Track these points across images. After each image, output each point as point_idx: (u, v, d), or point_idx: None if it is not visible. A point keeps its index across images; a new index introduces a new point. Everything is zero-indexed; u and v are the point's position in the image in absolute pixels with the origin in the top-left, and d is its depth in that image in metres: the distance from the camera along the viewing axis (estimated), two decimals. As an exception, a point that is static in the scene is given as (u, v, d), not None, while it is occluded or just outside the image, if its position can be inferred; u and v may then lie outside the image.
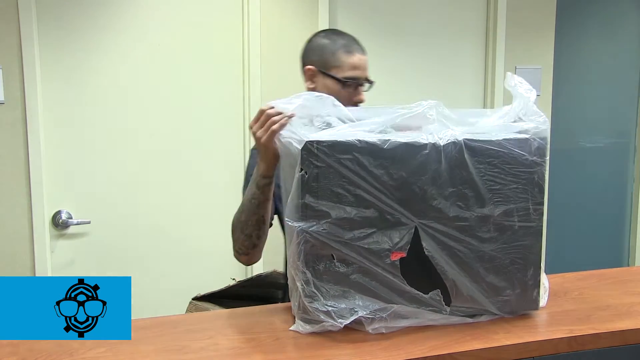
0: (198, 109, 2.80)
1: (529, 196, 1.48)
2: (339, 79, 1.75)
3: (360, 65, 1.77)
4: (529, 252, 1.50)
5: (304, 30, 2.88)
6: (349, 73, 1.76)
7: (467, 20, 3.25)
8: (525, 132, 1.49)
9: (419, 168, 1.40)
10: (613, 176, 3.73)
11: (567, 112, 3.50)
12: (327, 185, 1.36)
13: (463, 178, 1.43)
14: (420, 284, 1.45)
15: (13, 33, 2.49)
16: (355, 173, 1.36)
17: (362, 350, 1.34)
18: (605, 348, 1.45)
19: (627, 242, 3.75)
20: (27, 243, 2.58)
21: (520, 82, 1.54)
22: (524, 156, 1.46)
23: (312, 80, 1.78)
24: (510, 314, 1.51)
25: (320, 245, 1.37)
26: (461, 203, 1.43)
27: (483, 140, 1.44)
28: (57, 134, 2.61)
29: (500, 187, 1.45)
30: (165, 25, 2.73)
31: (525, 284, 1.50)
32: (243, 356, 1.33)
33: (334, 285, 1.39)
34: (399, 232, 1.41)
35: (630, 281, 1.83)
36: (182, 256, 2.83)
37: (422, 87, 3.18)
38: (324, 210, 1.36)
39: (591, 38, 3.64)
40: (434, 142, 1.40)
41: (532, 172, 1.47)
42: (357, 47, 1.80)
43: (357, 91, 1.78)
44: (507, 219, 1.47)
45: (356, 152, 1.36)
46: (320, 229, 1.37)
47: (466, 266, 1.46)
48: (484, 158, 1.43)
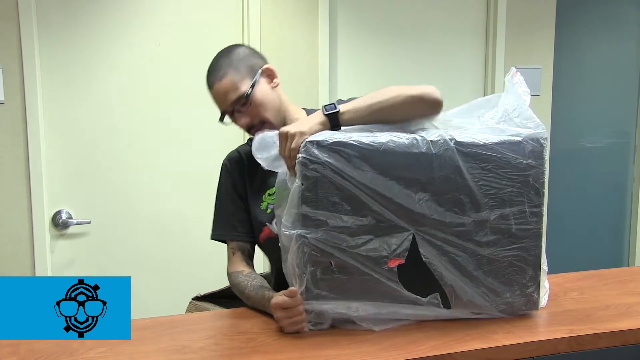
0: (198, 109, 2.79)
1: (525, 199, 1.47)
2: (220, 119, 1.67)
3: (216, 99, 1.66)
4: (528, 254, 1.50)
5: (304, 31, 2.89)
6: (219, 108, 1.67)
7: (467, 20, 3.25)
8: (518, 135, 1.47)
9: (413, 174, 1.40)
10: (613, 176, 3.73)
11: (567, 112, 3.50)
12: (324, 193, 1.36)
13: (458, 184, 1.43)
14: (418, 290, 1.45)
15: (13, 32, 2.49)
16: (351, 179, 1.37)
17: (362, 350, 1.34)
18: (605, 348, 1.44)
19: (627, 242, 3.75)
20: (27, 243, 2.58)
21: (520, 82, 1.54)
22: (518, 159, 1.45)
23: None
24: (510, 315, 1.51)
25: (317, 252, 1.38)
26: (457, 208, 1.43)
27: (476, 145, 1.43)
28: (57, 134, 2.61)
29: (496, 191, 1.45)
30: (166, 25, 2.73)
31: (525, 285, 1.50)
32: (243, 356, 1.33)
33: (331, 290, 1.40)
34: (396, 238, 1.41)
35: (630, 281, 1.84)
36: (182, 256, 2.83)
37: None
38: (321, 220, 1.37)
39: (591, 38, 3.64)
40: (426, 149, 1.40)
41: (526, 175, 1.46)
42: (210, 79, 1.65)
43: (236, 119, 1.66)
44: (504, 223, 1.47)
45: (353, 158, 1.36)
46: (317, 235, 1.37)
47: (464, 271, 1.46)
48: (478, 163, 1.43)
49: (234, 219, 1.71)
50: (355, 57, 3.06)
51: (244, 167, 1.71)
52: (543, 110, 3.28)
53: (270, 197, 1.68)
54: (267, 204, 1.69)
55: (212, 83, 1.64)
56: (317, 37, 2.90)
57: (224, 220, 1.73)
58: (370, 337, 1.40)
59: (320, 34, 2.90)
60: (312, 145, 1.36)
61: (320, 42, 2.90)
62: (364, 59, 3.08)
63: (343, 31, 3.02)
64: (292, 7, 2.87)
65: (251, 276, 1.65)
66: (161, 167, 2.77)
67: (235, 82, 1.61)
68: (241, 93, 1.61)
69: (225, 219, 1.72)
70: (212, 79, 1.64)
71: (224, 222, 1.72)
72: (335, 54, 3.00)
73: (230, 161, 1.73)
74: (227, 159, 1.74)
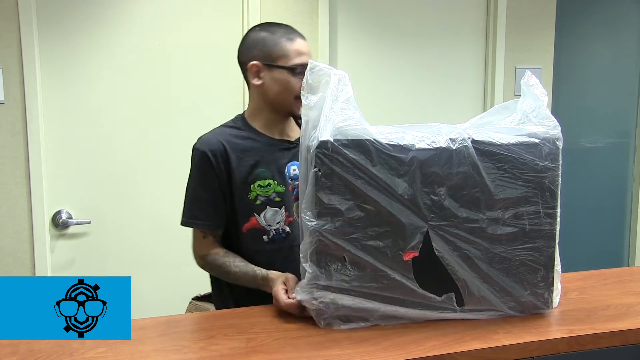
0: (198, 109, 2.79)
1: (539, 200, 1.50)
2: (289, 67, 1.70)
3: (305, 50, 1.72)
4: (541, 254, 1.52)
5: (304, 31, 2.86)
6: (297, 60, 1.70)
7: (467, 20, 3.25)
8: (536, 136, 1.50)
9: (431, 170, 1.42)
10: (613, 176, 3.73)
11: (567, 112, 3.50)
12: (340, 183, 1.38)
13: (475, 181, 1.45)
14: (431, 286, 1.47)
15: (13, 33, 2.49)
16: (367, 173, 1.39)
17: (362, 350, 1.34)
18: (605, 348, 1.45)
19: (627, 242, 3.75)
20: (27, 243, 2.58)
21: (536, 84, 1.57)
22: (535, 161, 1.48)
23: (259, 76, 1.73)
24: (521, 314, 1.52)
25: (332, 245, 1.40)
26: (472, 205, 1.46)
27: (494, 145, 1.46)
28: (57, 134, 2.61)
29: (511, 191, 1.47)
30: (166, 25, 2.73)
31: (537, 285, 1.52)
32: (243, 356, 1.33)
33: (344, 283, 1.42)
34: (410, 232, 1.43)
35: (630, 281, 1.83)
36: (182, 256, 2.82)
37: (422, 87, 3.18)
38: (337, 208, 1.39)
39: (591, 38, 3.64)
40: (446, 146, 1.43)
41: (542, 177, 1.49)
42: (297, 34, 1.75)
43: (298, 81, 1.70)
44: (518, 222, 1.49)
45: (370, 153, 1.38)
46: (332, 227, 1.39)
47: (477, 267, 1.48)
48: (495, 163, 1.46)
49: (211, 209, 1.73)
50: (355, 57, 3.06)
51: (229, 159, 1.71)
52: (543, 110, 3.28)
53: (261, 188, 1.71)
54: (257, 195, 1.71)
55: (300, 37, 1.74)
56: (317, 37, 2.90)
57: (200, 207, 1.73)
58: (370, 337, 1.40)
59: (320, 34, 2.90)
60: (329, 141, 1.37)
61: (320, 42, 2.90)
62: (364, 59, 3.08)
63: (343, 31, 3.02)
64: (292, 7, 2.87)
65: (231, 255, 1.71)
66: (161, 167, 2.77)
67: None
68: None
69: (201, 207, 1.73)
70: (299, 34, 1.75)
71: (200, 209, 1.73)
72: (335, 54, 3.00)
73: (213, 152, 1.71)
74: (209, 149, 1.71)
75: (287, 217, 1.74)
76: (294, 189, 1.75)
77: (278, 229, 1.73)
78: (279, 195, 1.73)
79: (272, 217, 1.73)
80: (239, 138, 1.74)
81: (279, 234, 1.74)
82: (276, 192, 1.73)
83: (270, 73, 1.71)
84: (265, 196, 1.72)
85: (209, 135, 1.77)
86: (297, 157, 1.66)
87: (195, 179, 1.75)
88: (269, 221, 1.72)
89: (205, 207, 1.73)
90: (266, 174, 1.72)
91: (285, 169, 1.75)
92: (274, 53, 1.70)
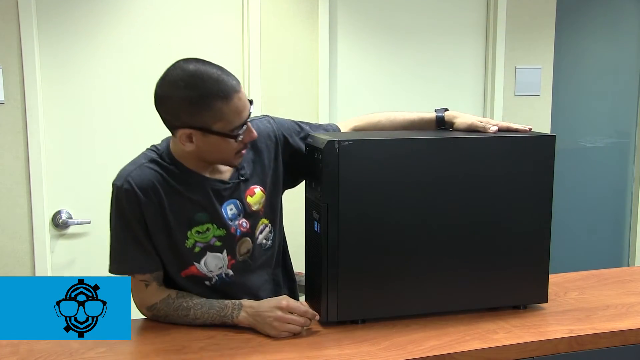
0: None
1: (533, 197, 1.56)
2: (228, 133, 1.43)
3: (243, 104, 1.44)
4: (536, 249, 1.57)
5: (304, 31, 2.89)
6: (237, 121, 1.43)
7: (467, 20, 3.25)
8: (529, 135, 1.58)
9: (423, 168, 1.47)
10: (613, 176, 3.73)
11: (567, 112, 3.50)
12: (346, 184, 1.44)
13: (469, 180, 1.50)
14: (428, 280, 1.51)
15: (13, 33, 2.49)
16: (369, 171, 1.44)
17: (362, 350, 1.34)
18: (605, 348, 1.45)
19: (627, 242, 3.74)
20: (27, 243, 2.58)
21: None
22: (529, 157, 1.54)
23: (191, 140, 1.45)
24: (518, 305, 1.58)
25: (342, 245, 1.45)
26: (467, 204, 1.50)
27: (487, 143, 1.52)
28: (57, 134, 2.61)
29: (505, 189, 1.53)
30: (166, 25, 2.73)
31: (532, 279, 1.58)
32: (243, 356, 1.33)
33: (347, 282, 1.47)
34: (406, 229, 1.48)
35: (630, 281, 1.84)
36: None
37: (422, 87, 3.18)
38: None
39: (591, 38, 3.63)
40: (437, 147, 1.49)
41: (535, 174, 1.56)
42: (229, 84, 1.42)
43: (249, 130, 1.48)
44: (513, 219, 1.54)
45: (370, 154, 1.44)
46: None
47: (474, 262, 1.52)
48: (489, 161, 1.51)
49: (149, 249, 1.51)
50: (355, 57, 3.06)
51: (161, 196, 1.48)
52: (543, 110, 3.28)
53: (199, 234, 1.51)
54: (195, 242, 1.51)
55: (233, 88, 1.42)
56: (317, 37, 2.90)
57: (135, 251, 1.50)
58: (370, 337, 1.40)
59: (320, 34, 2.90)
60: (333, 145, 1.42)
61: (320, 42, 2.90)
62: (364, 59, 3.08)
63: (343, 31, 3.02)
64: (292, 7, 2.87)
65: (186, 295, 1.52)
66: (161, 167, 2.77)
67: None
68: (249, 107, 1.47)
69: (136, 250, 1.50)
70: (232, 84, 1.43)
71: (135, 253, 1.50)
72: (335, 54, 3.00)
73: (142, 189, 1.47)
74: (136, 185, 1.48)
75: (230, 260, 1.55)
76: (236, 230, 1.54)
77: (220, 274, 1.55)
78: (220, 239, 1.53)
79: (213, 263, 1.53)
80: (170, 175, 1.50)
81: (222, 278, 1.55)
82: (216, 237, 1.52)
83: (206, 139, 1.44)
84: (204, 242, 1.52)
85: (132, 169, 1.51)
86: (233, 196, 1.54)
87: (122, 219, 1.50)
88: (209, 267, 1.53)
89: (140, 249, 1.50)
90: (203, 218, 1.51)
91: (222, 210, 1.53)
92: (208, 119, 1.42)
